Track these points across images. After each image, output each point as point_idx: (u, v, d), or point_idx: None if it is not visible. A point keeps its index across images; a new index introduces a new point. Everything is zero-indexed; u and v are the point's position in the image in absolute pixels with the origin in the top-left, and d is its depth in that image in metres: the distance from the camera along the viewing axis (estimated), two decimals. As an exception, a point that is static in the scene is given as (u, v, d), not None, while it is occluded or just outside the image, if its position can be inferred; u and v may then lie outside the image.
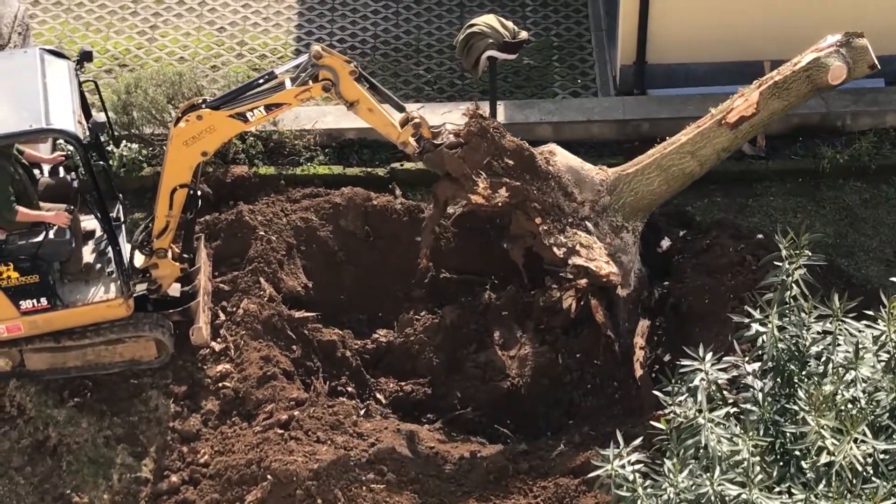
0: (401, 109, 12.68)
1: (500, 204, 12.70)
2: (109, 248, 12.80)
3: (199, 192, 12.94)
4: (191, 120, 12.24)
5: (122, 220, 13.33)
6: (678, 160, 13.16)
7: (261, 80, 12.42)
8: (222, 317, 13.59)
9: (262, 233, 14.02)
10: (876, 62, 12.78)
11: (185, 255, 13.32)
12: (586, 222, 12.98)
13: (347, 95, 12.31)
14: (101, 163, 12.81)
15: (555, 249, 12.70)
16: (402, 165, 15.29)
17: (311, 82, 12.20)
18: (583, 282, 12.85)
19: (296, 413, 12.76)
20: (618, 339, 13.06)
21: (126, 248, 13.00)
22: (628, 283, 13.05)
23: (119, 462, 12.70)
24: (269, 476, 12.17)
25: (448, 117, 14.33)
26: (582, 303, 13.12)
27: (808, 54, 12.80)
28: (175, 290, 13.38)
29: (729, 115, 12.97)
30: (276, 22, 17.59)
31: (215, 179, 14.60)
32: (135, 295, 13.01)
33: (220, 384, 13.12)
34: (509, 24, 15.19)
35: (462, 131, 12.69)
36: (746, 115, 12.89)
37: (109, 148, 14.68)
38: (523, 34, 15.27)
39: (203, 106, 12.32)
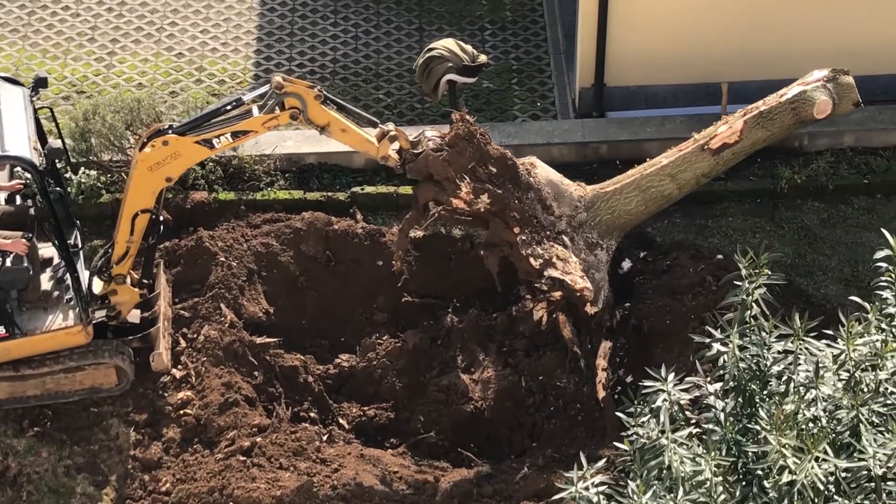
0: (373, 125, 12.67)
1: (480, 210, 12.69)
2: (67, 276, 12.71)
3: (161, 218, 12.88)
4: (156, 145, 12.18)
5: (80, 246, 13.24)
6: (657, 182, 13.22)
7: (228, 107, 12.38)
8: (183, 343, 13.51)
9: (222, 258, 13.96)
10: (860, 100, 12.90)
11: (145, 281, 13.24)
12: (563, 236, 13.00)
13: (317, 120, 12.29)
14: (58, 189, 12.73)
15: (531, 260, 12.70)
16: (362, 189, 15.27)
17: (278, 110, 12.19)
18: (557, 294, 12.86)
19: (258, 440, 12.70)
20: (583, 357, 13.07)
21: (84, 274, 12.91)
22: (598, 301, 13.07)
23: (80, 491, 12.59)
24: (231, 503, 12.10)
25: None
26: (553, 316, 13.13)
27: (795, 87, 12.90)
28: (135, 316, 13.29)
29: (712, 140, 13.04)
30: (235, 48, 17.56)
31: (175, 205, 14.53)
32: (94, 322, 12.92)
33: (182, 411, 13.04)
34: (468, 47, 15.24)
35: (449, 134, 12.67)
36: (729, 142, 12.97)
37: (67, 175, 14.60)
38: (482, 58, 15.33)
39: (169, 131, 12.27)
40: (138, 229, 12.60)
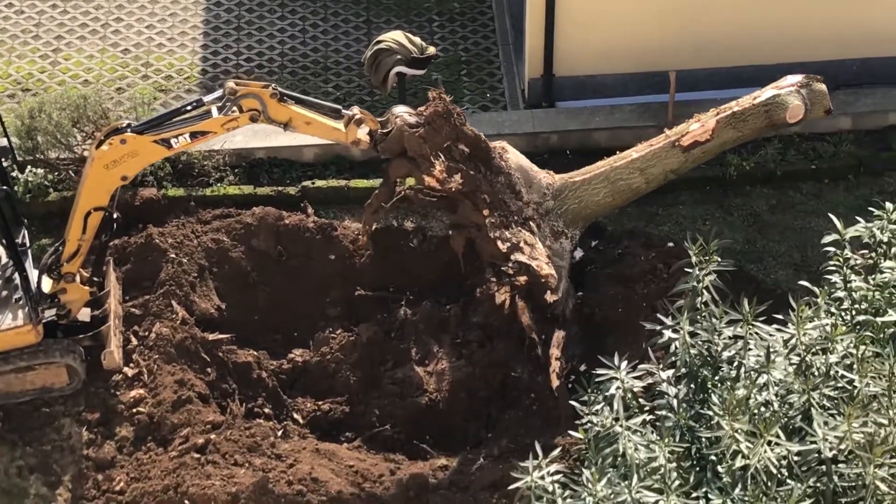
0: (336, 112, 12.66)
1: (452, 189, 12.69)
2: (16, 275, 12.60)
3: (114, 216, 12.81)
4: (114, 143, 12.12)
5: (28, 245, 13.12)
6: (626, 175, 13.28)
7: (188, 108, 12.35)
8: (134, 341, 13.43)
9: (172, 255, 13.88)
10: (832, 106, 13.02)
11: (95, 279, 13.15)
12: (530, 222, 13.05)
13: (278, 118, 12.28)
14: (5, 188, 12.62)
15: (499, 243, 12.72)
16: (313, 184, 15.23)
17: (237, 111, 12.17)
18: (522, 279, 12.89)
19: (212, 436, 12.65)
20: (540, 344, 13.09)
21: (33, 273, 12.81)
22: (558, 290, 13.11)
23: (33, 492, 12.50)
24: (186, 501, 12.06)
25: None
26: (515, 301, 13.16)
27: (769, 90, 13.02)
28: (85, 314, 13.20)
29: (683, 138, 13.12)
30: (182, 42, 17.45)
31: (124, 202, 14.42)
32: (44, 321, 12.81)
33: (134, 410, 12.97)
34: (417, 39, 15.22)
35: (426, 111, 12.66)
36: (700, 140, 13.07)
37: (14, 173, 14.47)
38: (431, 49, 15.32)
39: (128, 130, 12.21)
40: (91, 227, 12.51)
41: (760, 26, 15.83)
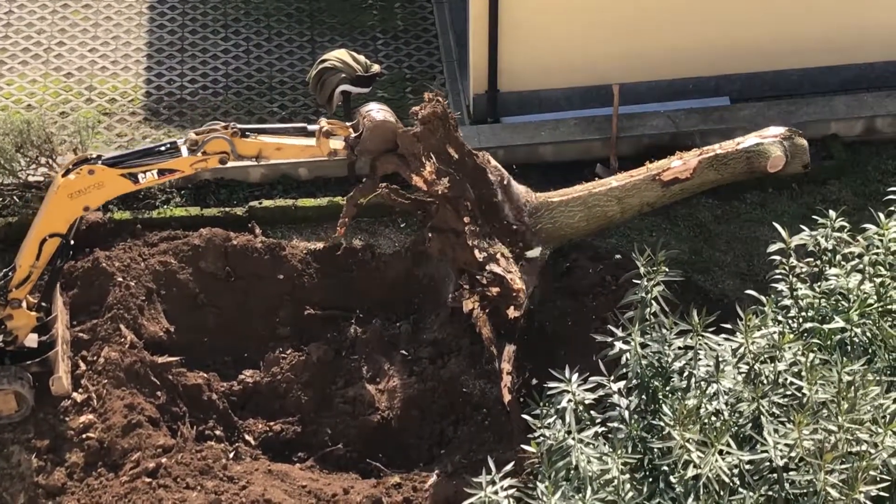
0: (303, 130, 12.67)
1: (437, 192, 12.70)
2: (-39, 303, 12.49)
3: (71, 242, 12.74)
4: (82, 173, 12.10)
5: (-28, 272, 13.02)
6: (604, 202, 13.35)
7: (162, 148, 12.40)
8: (83, 367, 13.33)
9: (120, 279, 13.79)
10: (810, 162, 13.29)
11: (43, 305, 13.05)
12: (507, 236, 13.10)
13: (248, 152, 12.34)
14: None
15: (476, 252, 12.73)
16: (260, 204, 15.19)
17: (207, 153, 12.21)
18: (495, 290, 12.90)
19: (163, 460, 12.57)
20: (499, 357, 13.11)
21: (-22, 301, 12.70)
22: (521, 307, 13.14)
23: (-18, 522, 12.37)
24: (138, 526, 11.97)
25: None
26: (485, 311, 13.17)
27: (752, 137, 13.23)
28: (32, 340, 13.09)
29: (664, 173, 13.23)
30: (125, 65, 17.35)
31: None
32: (-10, 349, 12.70)
33: (84, 435, 12.86)
34: (361, 57, 15.23)
35: (422, 111, 12.66)
36: (681, 177, 13.20)
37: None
38: (375, 67, 15.33)
39: (98, 161, 12.18)
40: (45, 254, 12.45)
41: (702, 39, 15.98)
